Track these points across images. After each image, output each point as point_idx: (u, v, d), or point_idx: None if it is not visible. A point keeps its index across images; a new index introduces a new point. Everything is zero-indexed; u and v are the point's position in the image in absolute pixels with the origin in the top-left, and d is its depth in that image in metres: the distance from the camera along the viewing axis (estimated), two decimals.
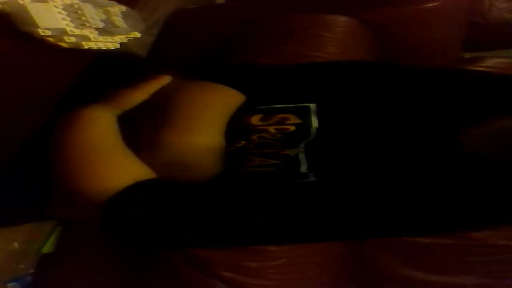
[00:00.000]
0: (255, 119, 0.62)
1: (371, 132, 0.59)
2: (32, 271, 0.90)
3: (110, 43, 0.82)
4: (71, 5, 0.77)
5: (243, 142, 0.59)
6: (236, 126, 0.62)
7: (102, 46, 0.81)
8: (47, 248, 0.91)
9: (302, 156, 0.55)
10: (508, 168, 0.51)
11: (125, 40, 0.84)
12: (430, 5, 1.12)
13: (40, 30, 0.72)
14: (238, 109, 0.64)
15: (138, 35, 0.86)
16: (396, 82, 0.64)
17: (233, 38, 1.08)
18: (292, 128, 0.60)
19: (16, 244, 0.88)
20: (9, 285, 0.88)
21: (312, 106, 0.61)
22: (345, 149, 0.57)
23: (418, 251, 1.00)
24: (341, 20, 1.09)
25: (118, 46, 0.83)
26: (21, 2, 0.70)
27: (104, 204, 0.52)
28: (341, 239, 0.85)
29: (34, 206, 0.81)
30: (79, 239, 0.91)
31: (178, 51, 1.08)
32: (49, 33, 0.73)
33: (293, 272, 0.88)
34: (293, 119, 0.61)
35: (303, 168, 0.55)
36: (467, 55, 1.28)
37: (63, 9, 0.77)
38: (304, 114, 0.61)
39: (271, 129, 0.60)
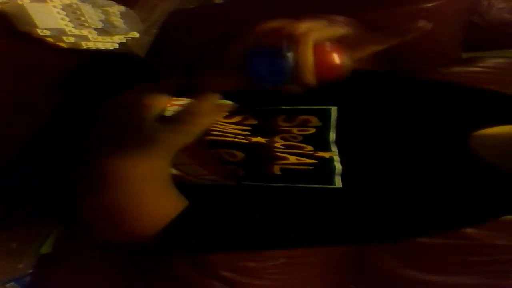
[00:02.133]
0: (280, 120, 0.63)
1: (391, 140, 0.60)
2: (30, 271, 0.90)
3: (109, 43, 0.82)
4: (70, 5, 0.78)
5: (264, 140, 0.60)
6: (260, 124, 0.63)
7: (101, 46, 0.81)
8: (46, 248, 0.91)
9: (337, 159, 0.57)
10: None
11: (124, 40, 0.84)
12: (430, 5, 1.12)
13: (39, 30, 0.73)
14: (264, 108, 0.65)
15: (136, 35, 0.86)
16: (407, 91, 0.66)
17: (232, 38, 1.08)
18: (312, 130, 0.61)
19: (14, 244, 0.88)
20: (8, 285, 0.88)
21: (333, 109, 0.62)
22: (370, 156, 0.58)
23: (418, 251, 1.00)
24: (340, 20, 1.09)
25: (116, 46, 0.83)
26: (20, 2, 0.71)
27: (156, 236, 0.52)
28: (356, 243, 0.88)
29: (32, 207, 0.81)
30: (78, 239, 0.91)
31: (177, 51, 1.08)
32: (48, 33, 0.74)
33: (292, 272, 0.88)
34: (315, 122, 0.62)
35: (338, 170, 0.57)
36: (465, 55, 1.28)
37: (62, 9, 0.77)
38: (325, 117, 0.62)
39: (295, 130, 0.61)
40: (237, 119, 0.65)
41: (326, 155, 0.57)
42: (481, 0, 1.26)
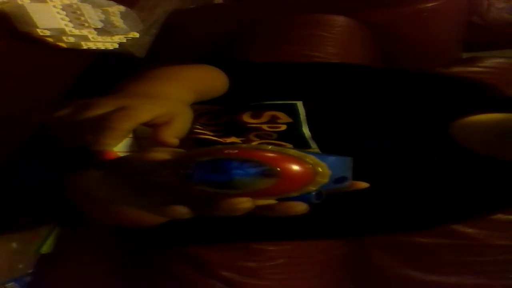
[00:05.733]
0: (246, 116, 0.62)
1: (371, 133, 0.59)
2: (30, 271, 0.90)
3: (109, 43, 0.83)
4: (70, 5, 0.78)
5: (238, 140, 0.59)
6: (228, 123, 0.62)
7: (101, 46, 0.81)
8: (46, 248, 0.91)
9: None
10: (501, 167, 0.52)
11: (124, 40, 0.84)
12: (430, 5, 1.12)
13: (39, 30, 0.73)
14: (230, 107, 0.64)
15: (137, 35, 0.86)
16: (383, 85, 0.65)
17: (231, 38, 1.08)
18: (284, 127, 0.60)
19: (14, 244, 0.88)
20: (8, 285, 0.88)
21: (299, 103, 0.61)
22: (353, 150, 0.58)
23: (418, 251, 1.00)
24: (340, 20, 1.09)
25: (117, 46, 0.83)
26: (20, 2, 0.71)
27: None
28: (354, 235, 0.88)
29: (32, 207, 0.81)
30: (78, 239, 0.91)
31: (176, 51, 1.08)
32: (48, 33, 0.74)
33: (292, 272, 0.88)
34: (284, 118, 0.61)
35: None
36: (465, 55, 1.28)
37: (62, 9, 0.77)
38: (293, 112, 0.61)
39: (265, 127, 0.60)
40: (214, 120, 0.64)
41: (310, 151, 0.57)
42: (481, 0, 1.26)
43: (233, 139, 0.59)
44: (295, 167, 0.28)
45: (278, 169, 0.28)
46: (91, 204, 0.45)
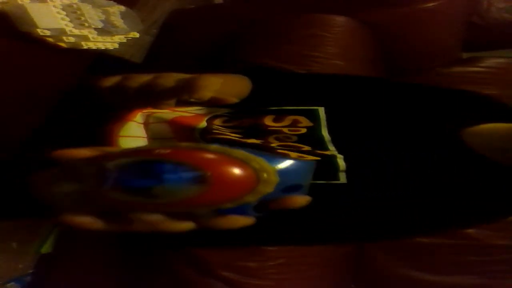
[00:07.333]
0: (268, 120, 0.63)
1: (388, 139, 0.60)
2: (31, 271, 0.90)
3: (109, 43, 0.83)
4: (70, 5, 0.78)
5: (258, 141, 0.60)
6: (249, 125, 0.63)
7: (101, 46, 0.81)
8: (46, 248, 0.91)
9: (340, 157, 0.58)
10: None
11: (124, 40, 0.84)
12: (430, 5, 1.12)
13: (39, 30, 0.73)
14: (249, 110, 0.65)
15: (137, 35, 0.86)
16: (397, 97, 0.66)
17: (231, 38, 1.08)
18: (304, 130, 0.61)
19: (14, 244, 0.88)
20: (8, 285, 0.88)
21: (321, 109, 0.62)
22: (372, 155, 0.59)
23: (418, 251, 1.00)
24: (340, 20, 1.09)
25: (117, 46, 0.83)
26: (20, 2, 0.71)
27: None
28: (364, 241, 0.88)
29: (32, 205, 0.81)
30: (78, 239, 0.91)
31: (176, 51, 1.08)
32: (48, 33, 0.74)
33: (292, 272, 0.88)
34: (305, 122, 0.62)
35: (342, 167, 0.57)
36: (465, 55, 1.28)
37: (62, 9, 0.77)
38: (314, 117, 0.62)
39: (285, 130, 0.61)
40: (227, 122, 0.65)
41: (328, 153, 0.58)
42: (481, 0, 1.26)
43: (252, 141, 0.60)
44: (232, 172, 0.23)
45: (209, 173, 0.23)
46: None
